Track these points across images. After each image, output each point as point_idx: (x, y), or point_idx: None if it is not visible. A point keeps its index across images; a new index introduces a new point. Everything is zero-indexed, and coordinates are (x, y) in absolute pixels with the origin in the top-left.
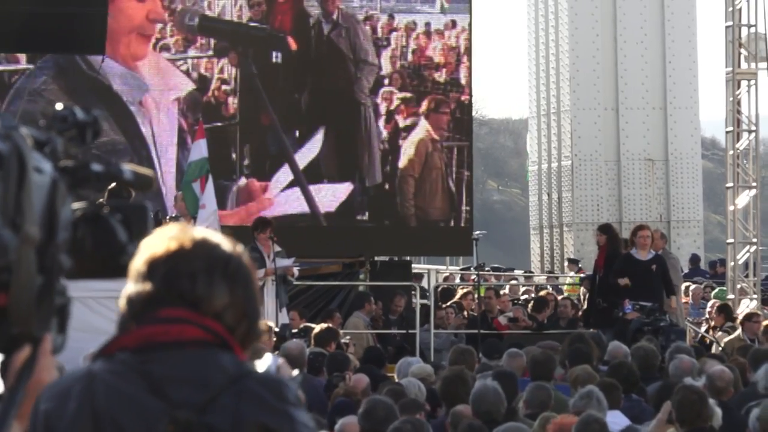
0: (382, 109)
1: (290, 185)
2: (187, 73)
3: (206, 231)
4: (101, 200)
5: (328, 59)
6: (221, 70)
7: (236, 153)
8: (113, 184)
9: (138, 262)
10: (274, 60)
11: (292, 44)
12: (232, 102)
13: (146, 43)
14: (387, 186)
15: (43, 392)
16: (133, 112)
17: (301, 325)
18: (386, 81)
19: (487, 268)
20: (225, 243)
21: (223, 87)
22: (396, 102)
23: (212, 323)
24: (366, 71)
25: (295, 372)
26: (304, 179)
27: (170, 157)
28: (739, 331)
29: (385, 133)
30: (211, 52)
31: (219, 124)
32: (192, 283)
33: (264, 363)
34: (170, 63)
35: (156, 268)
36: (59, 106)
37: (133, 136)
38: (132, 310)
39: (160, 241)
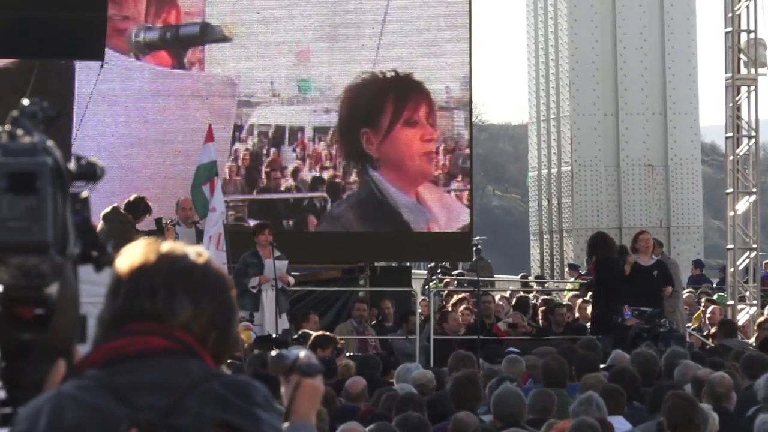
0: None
1: None
2: None
3: (173, 244)
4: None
5: None
6: None
7: None
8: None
9: (110, 281)
10: None
11: None
12: None
13: (428, 162)
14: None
15: (18, 416)
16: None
17: (300, 331)
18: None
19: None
20: (191, 253)
21: None
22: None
23: (180, 333)
24: None
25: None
26: None
27: None
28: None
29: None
30: None
31: None
32: (152, 298)
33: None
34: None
35: (120, 285)
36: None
37: None
38: (103, 328)
39: (127, 257)
